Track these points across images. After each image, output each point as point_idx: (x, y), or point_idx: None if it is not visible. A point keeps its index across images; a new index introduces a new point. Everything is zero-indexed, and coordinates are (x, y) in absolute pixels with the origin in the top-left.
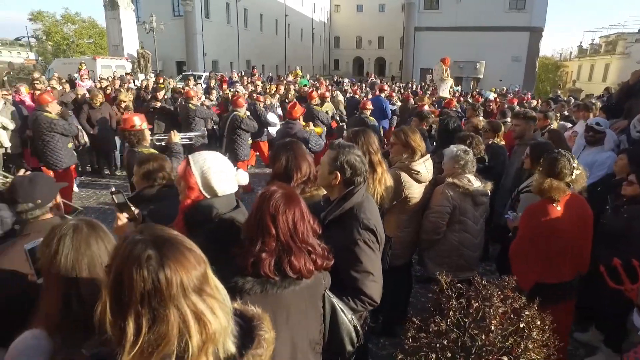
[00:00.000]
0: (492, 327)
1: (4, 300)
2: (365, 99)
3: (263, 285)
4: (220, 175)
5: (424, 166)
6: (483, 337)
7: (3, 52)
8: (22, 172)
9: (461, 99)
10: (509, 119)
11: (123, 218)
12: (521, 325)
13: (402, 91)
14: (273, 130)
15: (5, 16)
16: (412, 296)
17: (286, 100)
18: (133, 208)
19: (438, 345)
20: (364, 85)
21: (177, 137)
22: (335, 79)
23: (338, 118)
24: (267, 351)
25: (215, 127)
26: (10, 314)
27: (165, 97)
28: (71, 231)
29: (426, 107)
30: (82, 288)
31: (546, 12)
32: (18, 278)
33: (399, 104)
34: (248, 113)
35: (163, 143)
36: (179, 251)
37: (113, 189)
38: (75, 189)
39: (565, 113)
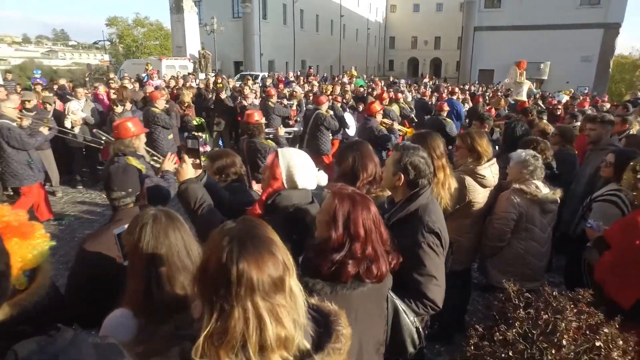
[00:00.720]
0: (564, 342)
1: (91, 278)
2: (441, 100)
3: (333, 287)
4: (303, 172)
5: (490, 171)
6: (553, 351)
7: (82, 54)
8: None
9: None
10: (578, 124)
11: (188, 162)
12: (597, 344)
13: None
14: (350, 131)
15: (85, 23)
16: (469, 303)
17: (343, 101)
18: (198, 161)
19: (503, 355)
20: (420, 87)
21: (282, 131)
22: (391, 80)
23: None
24: (345, 346)
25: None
26: (98, 292)
27: (226, 95)
28: (151, 220)
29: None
30: (161, 274)
31: (625, 6)
32: (107, 259)
33: (466, 106)
34: (331, 112)
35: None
36: (259, 252)
37: (189, 134)
38: None
39: None
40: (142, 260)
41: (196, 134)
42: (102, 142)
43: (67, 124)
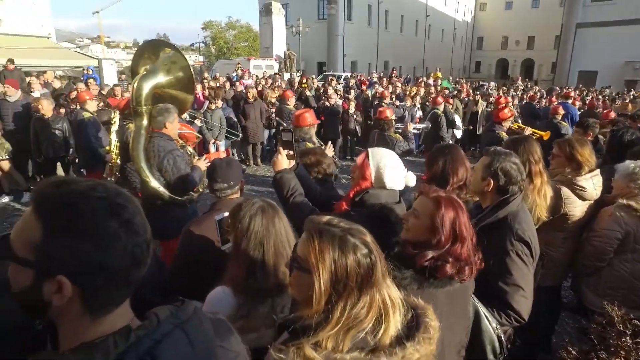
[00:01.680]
0: None
1: (195, 258)
2: (556, 104)
3: (420, 283)
4: (392, 173)
5: (592, 182)
6: None
7: None
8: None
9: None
10: None
11: (283, 153)
12: None
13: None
14: (458, 133)
15: (184, 27)
16: (557, 323)
17: (427, 103)
18: (292, 152)
19: None
20: (510, 90)
21: (410, 127)
22: (479, 83)
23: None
24: (434, 337)
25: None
26: (198, 270)
27: (310, 94)
28: (260, 212)
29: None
30: (266, 260)
31: None
32: (208, 242)
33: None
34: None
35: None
36: (373, 241)
37: (284, 126)
38: None
39: None
40: (249, 245)
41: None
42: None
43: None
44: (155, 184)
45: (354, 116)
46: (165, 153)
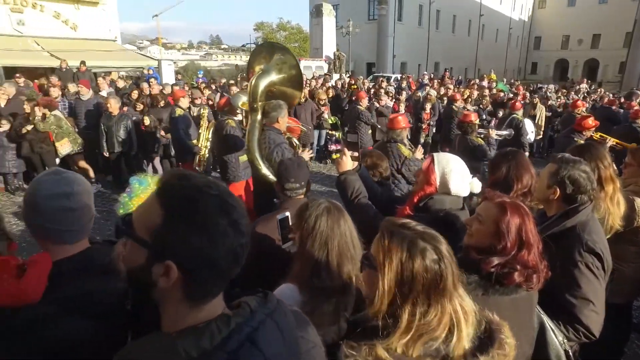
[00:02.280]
0: None
1: (256, 255)
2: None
3: (486, 289)
4: (458, 179)
5: None
6: None
7: (231, 56)
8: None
9: None
10: None
11: (348, 154)
12: None
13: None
14: (528, 138)
15: (237, 28)
16: (627, 345)
17: (480, 106)
18: (357, 154)
19: None
20: (571, 92)
21: (493, 133)
22: (537, 85)
23: None
24: (510, 355)
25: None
26: (261, 267)
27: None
28: (326, 212)
29: None
30: (330, 260)
31: None
32: (270, 241)
33: None
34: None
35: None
36: (448, 250)
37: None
38: None
39: None
40: (314, 245)
41: (330, 132)
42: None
43: (194, 112)
44: (265, 171)
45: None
46: (274, 145)
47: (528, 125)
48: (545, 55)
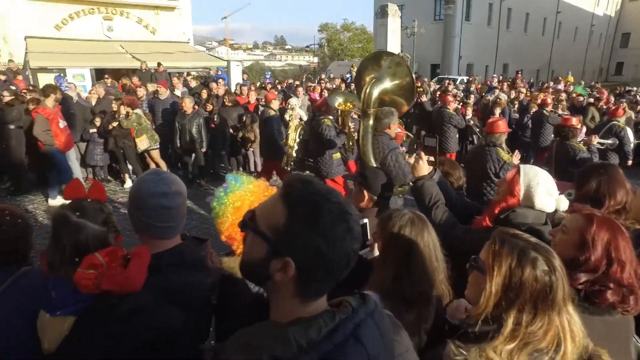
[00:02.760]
0: None
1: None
2: None
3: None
4: (544, 193)
5: None
6: None
7: (294, 57)
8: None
9: None
10: None
11: (424, 158)
12: None
13: None
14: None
15: (301, 29)
16: None
17: (556, 111)
18: (432, 158)
19: None
20: None
21: (595, 141)
22: (624, 88)
23: None
24: None
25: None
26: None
27: (427, 99)
28: (410, 223)
29: None
30: (413, 269)
31: None
32: None
33: None
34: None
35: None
36: (560, 265)
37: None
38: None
39: None
40: (397, 255)
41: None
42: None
43: (286, 117)
44: None
45: (471, 122)
46: (389, 150)
47: (630, 133)
48: (634, 53)
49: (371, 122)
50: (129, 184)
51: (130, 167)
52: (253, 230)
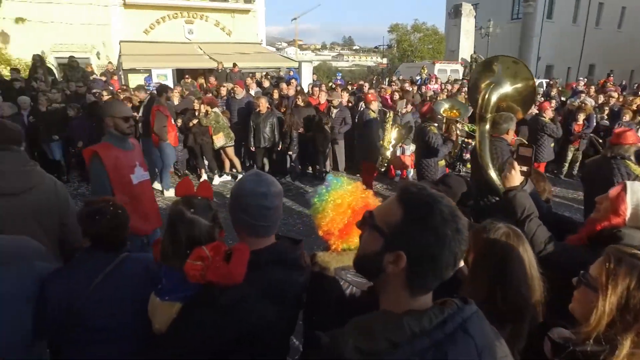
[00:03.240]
0: None
1: None
2: None
3: None
4: None
5: None
6: None
7: (362, 57)
8: None
9: None
10: None
11: (517, 168)
12: None
13: None
14: None
15: (370, 30)
16: None
17: None
18: (525, 168)
19: None
20: None
21: None
22: None
23: None
24: None
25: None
26: None
27: None
28: (504, 237)
29: None
30: (506, 288)
31: None
32: None
33: None
34: None
35: None
36: None
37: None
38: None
39: None
40: (490, 270)
41: (467, 140)
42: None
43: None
44: (497, 181)
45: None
46: (509, 156)
47: None
48: None
49: (487, 126)
50: (204, 178)
51: (206, 162)
52: (371, 225)
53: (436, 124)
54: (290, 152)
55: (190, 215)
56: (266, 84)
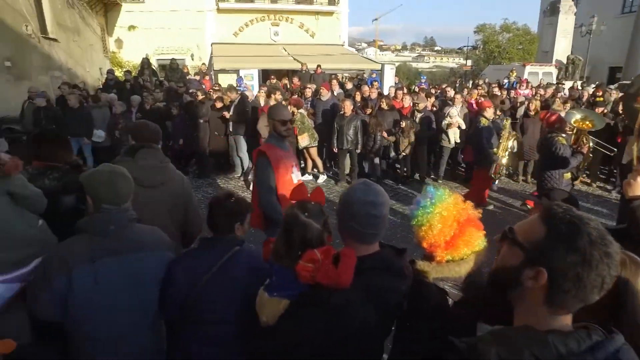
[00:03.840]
0: None
1: None
2: None
3: None
4: None
5: None
6: None
7: (443, 58)
8: None
9: None
10: None
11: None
12: None
13: None
14: None
15: (453, 30)
16: None
17: None
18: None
19: None
20: None
21: None
22: None
23: None
24: None
25: None
26: None
27: (606, 110)
28: (619, 264)
29: None
30: (623, 321)
31: None
32: None
33: None
34: None
35: None
36: None
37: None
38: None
39: None
40: (603, 301)
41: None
42: None
43: (443, 125)
44: None
45: None
46: None
47: None
48: None
49: None
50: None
51: None
52: (512, 240)
53: (564, 135)
54: (372, 155)
55: (304, 219)
56: (349, 85)
